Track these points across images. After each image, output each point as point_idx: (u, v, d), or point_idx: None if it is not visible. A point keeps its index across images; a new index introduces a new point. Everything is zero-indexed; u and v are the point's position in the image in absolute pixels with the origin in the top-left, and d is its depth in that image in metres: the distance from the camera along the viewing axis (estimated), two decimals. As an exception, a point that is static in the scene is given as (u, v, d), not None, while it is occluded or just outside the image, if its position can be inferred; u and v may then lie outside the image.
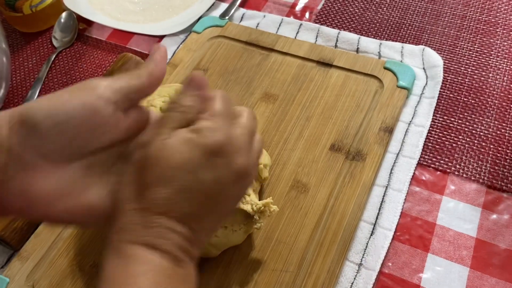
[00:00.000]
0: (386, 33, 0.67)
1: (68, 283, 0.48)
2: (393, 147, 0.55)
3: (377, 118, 0.56)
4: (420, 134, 0.56)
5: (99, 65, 0.70)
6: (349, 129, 0.56)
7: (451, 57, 0.63)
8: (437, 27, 0.67)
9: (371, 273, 0.47)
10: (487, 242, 0.48)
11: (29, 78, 0.70)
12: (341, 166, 0.53)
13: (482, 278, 0.46)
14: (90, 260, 0.49)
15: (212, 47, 0.67)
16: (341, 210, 0.50)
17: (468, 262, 0.47)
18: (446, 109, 0.59)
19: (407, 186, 0.52)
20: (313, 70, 0.62)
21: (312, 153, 0.55)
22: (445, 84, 0.61)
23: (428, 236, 0.49)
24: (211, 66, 0.65)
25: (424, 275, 0.47)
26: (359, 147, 0.54)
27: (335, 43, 0.66)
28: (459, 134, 0.56)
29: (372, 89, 0.59)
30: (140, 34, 0.72)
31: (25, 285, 0.48)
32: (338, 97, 0.59)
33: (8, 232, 0.50)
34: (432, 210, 0.51)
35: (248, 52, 0.66)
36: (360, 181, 0.52)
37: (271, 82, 0.62)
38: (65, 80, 0.69)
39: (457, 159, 0.54)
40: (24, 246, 0.51)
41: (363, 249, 0.49)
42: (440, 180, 0.53)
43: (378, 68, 0.60)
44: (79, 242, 0.51)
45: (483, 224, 0.49)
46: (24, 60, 0.72)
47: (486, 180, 0.52)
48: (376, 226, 0.50)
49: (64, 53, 0.72)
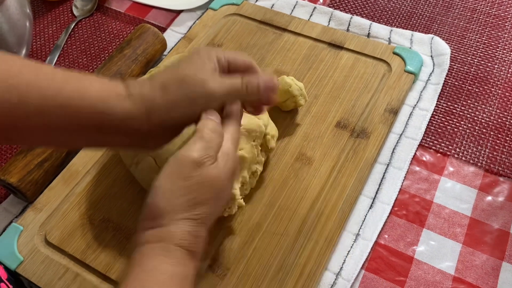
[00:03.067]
0: (397, 21, 0.69)
1: (78, 235, 0.50)
2: (396, 128, 0.57)
3: (383, 100, 0.58)
4: (424, 117, 0.58)
5: (116, 36, 0.72)
6: (356, 108, 0.58)
7: (459, 47, 0.65)
8: (447, 18, 0.69)
9: (368, 243, 0.49)
10: (481, 221, 0.50)
11: (48, 44, 0.72)
12: (345, 143, 0.55)
13: (474, 254, 0.48)
14: (100, 215, 0.52)
15: (227, 24, 0.69)
16: (343, 183, 0.52)
17: (461, 238, 0.49)
18: (450, 95, 0.60)
19: (407, 165, 0.54)
20: (324, 51, 0.64)
21: (318, 128, 0.57)
22: (451, 72, 0.63)
23: (425, 213, 0.51)
24: (225, 42, 0.67)
25: (418, 248, 0.49)
26: (364, 126, 0.56)
27: (347, 27, 0.68)
28: (461, 119, 0.58)
29: (380, 72, 0.61)
30: (158, 8, 0.75)
31: (38, 234, 0.51)
32: (346, 78, 0.61)
33: (24, 183, 0.52)
34: (430, 189, 0.53)
35: (261, 30, 0.68)
36: (362, 157, 0.54)
37: (283, 60, 0.64)
38: (83, 48, 0.71)
39: (458, 143, 0.56)
40: (38, 198, 0.53)
41: (362, 221, 0.51)
42: (440, 162, 0.55)
43: (387, 53, 0.62)
44: (91, 197, 0.53)
45: (478, 205, 0.51)
46: (45, 27, 0.74)
47: (484, 164, 0.54)
48: (376, 200, 0.52)
49: (83, 22, 0.74)
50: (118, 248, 0.49)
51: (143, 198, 0.53)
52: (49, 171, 0.55)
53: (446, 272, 0.47)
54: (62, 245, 0.50)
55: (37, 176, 0.53)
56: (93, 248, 0.49)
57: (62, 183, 0.54)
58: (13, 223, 0.52)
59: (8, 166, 0.53)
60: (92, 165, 0.55)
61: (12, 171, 0.52)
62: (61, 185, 0.54)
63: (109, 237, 0.50)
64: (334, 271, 0.48)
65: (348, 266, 0.48)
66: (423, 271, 0.47)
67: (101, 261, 0.49)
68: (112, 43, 0.71)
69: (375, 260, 0.49)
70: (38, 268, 0.49)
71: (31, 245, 0.50)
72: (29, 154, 0.54)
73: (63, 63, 0.70)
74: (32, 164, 0.53)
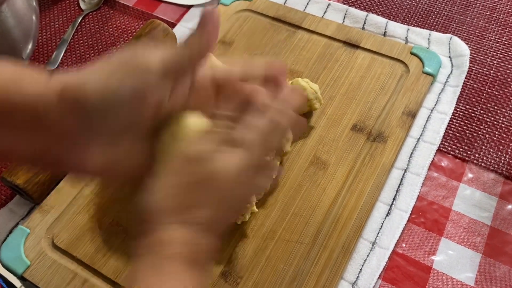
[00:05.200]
0: (414, 20, 0.67)
1: (87, 239, 0.49)
2: (414, 131, 0.55)
3: (401, 102, 0.56)
4: (442, 121, 0.56)
5: (124, 30, 0.70)
6: (372, 111, 0.56)
7: (478, 48, 0.63)
8: (465, 17, 0.67)
9: (385, 252, 0.48)
10: (502, 231, 0.49)
11: (54, 38, 0.70)
12: (361, 147, 0.53)
13: (494, 265, 0.47)
14: (109, 218, 0.50)
15: (239, 21, 0.67)
16: (359, 189, 0.50)
17: (481, 248, 0.48)
18: (470, 98, 0.59)
19: (425, 170, 0.53)
20: (339, 50, 0.62)
21: (333, 131, 0.55)
22: (470, 74, 0.61)
23: (443, 221, 0.50)
24: (236, 39, 0.65)
25: (436, 257, 0.48)
26: (381, 129, 0.54)
27: (363, 25, 0.66)
28: (480, 124, 0.56)
29: (397, 73, 0.59)
30: (167, 3, 0.72)
31: (45, 237, 0.49)
32: (363, 78, 0.59)
33: (31, 185, 0.51)
34: (448, 196, 0.51)
35: (274, 27, 0.66)
36: (380, 162, 0.52)
37: (296, 59, 0.62)
38: (90, 43, 0.69)
39: (477, 148, 0.55)
40: (45, 200, 0.52)
41: (378, 228, 0.49)
42: (459, 168, 0.53)
43: (404, 53, 0.60)
44: (100, 200, 0.51)
45: (498, 214, 0.50)
46: (51, 20, 0.72)
47: (504, 170, 0.53)
48: (393, 207, 0.51)
49: (90, 16, 0.72)
50: (128, 253, 0.48)
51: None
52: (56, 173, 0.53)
53: (466, 283, 0.46)
54: (70, 249, 0.48)
55: (44, 177, 0.52)
56: (102, 253, 0.48)
57: (70, 185, 0.53)
58: (19, 225, 0.51)
59: (14, 166, 0.52)
60: (101, 166, 0.54)
61: (19, 172, 0.51)
62: (69, 186, 0.52)
63: (118, 241, 0.49)
64: (350, 280, 0.46)
65: (364, 275, 0.46)
66: (442, 282, 0.46)
67: (111, 267, 0.47)
68: (120, 39, 0.69)
69: (392, 269, 0.47)
70: (45, 273, 0.47)
71: (38, 248, 0.49)
72: (36, 155, 0.52)
73: (69, 58, 0.68)
74: (39, 165, 0.52)
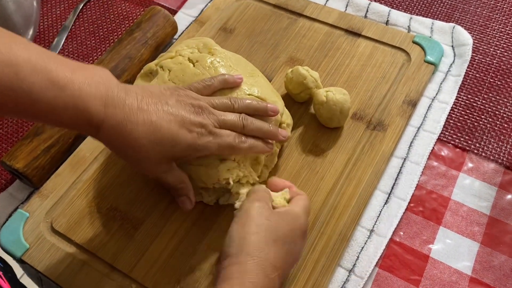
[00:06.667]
0: (417, 8, 0.66)
1: (85, 223, 0.49)
2: (414, 121, 0.55)
3: (402, 91, 0.56)
4: (443, 110, 0.56)
5: (126, 17, 0.70)
6: (373, 99, 0.56)
7: (481, 37, 0.63)
8: (469, 6, 0.66)
9: (382, 240, 0.48)
10: (500, 221, 0.49)
11: (56, 25, 0.70)
12: (361, 135, 0.53)
13: (492, 255, 0.47)
14: (107, 203, 0.50)
15: (240, 8, 0.67)
16: (358, 177, 0.50)
17: (479, 238, 0.48)
18: (471, 88, 0.58)
19: (425, 159, 0.52)
20: (340, 38, 0.62)
21: (333, 119, 0.55)
22: (472, 63, 0.60)
23: (442, 210, 0.50)
24: (237, 26, 0.65)
25: (434, 246, 0.47)
26: (381, 118, 0.54)
27: (365, 14, 0.65)
28: (481, 114, 0.56)
29: (399, 61, 0.58)
30: (169, -10, 0.72)
31: (44, 221, 0.50)
32: (364, 67, 0.59)
33: (30, 169, 0.51)
34: (448, 185, 0.51)
35: (276, 15, 0.65)
36: (379, 150, 0.52)
37: (297, 47, 0.62)
38: (92, 29, 0.69)
39: (477, 138, 0.54)
40: (45, 184, 0.52)
41: (376, 216, 0.49)
42: (459, 157, 0.53)
43: (406, 42, 0.60)
44: (98, 185, 0.52)
45: (497, 203, 0.50)
46: (53, 6, 0.72)
47: (505, 160, 0.52)
48: (391, 195, 0.50)
49: (91, 3, 0.72)
50: (126, 238, 0.48)
51: (151, 187, 0.53)
52: (55, 157, 0.53)
53: (463, 272, 0.46)
54: (68, 233, 0.49)
55: (44, 161, 0.52)
56: (100, 237, 0.48)
57: (69, 170, 0.53)
58: (18, 209, 0.51)
59: (14, 151, 0.52)
60: (100, 152, 0.54)
61: (18, 156, 0.51)
62: (68, 171, 0.53)
63: (116, 226, 0.49)
64: (347, 267, 0.46)
65: (361, 263, 0.46)
66: (439, 270, 0.46)
67: (108, 251, 0.47)
68: (121, 25, 0.69)
69: (390, 257, 0.47)
70: (44, 256, 0.48)
71: (37, 232, 0.49)
72: (35, 139, 0.52)
73: (70, 45, 0.68)
74: (39, 149, 0.52)
